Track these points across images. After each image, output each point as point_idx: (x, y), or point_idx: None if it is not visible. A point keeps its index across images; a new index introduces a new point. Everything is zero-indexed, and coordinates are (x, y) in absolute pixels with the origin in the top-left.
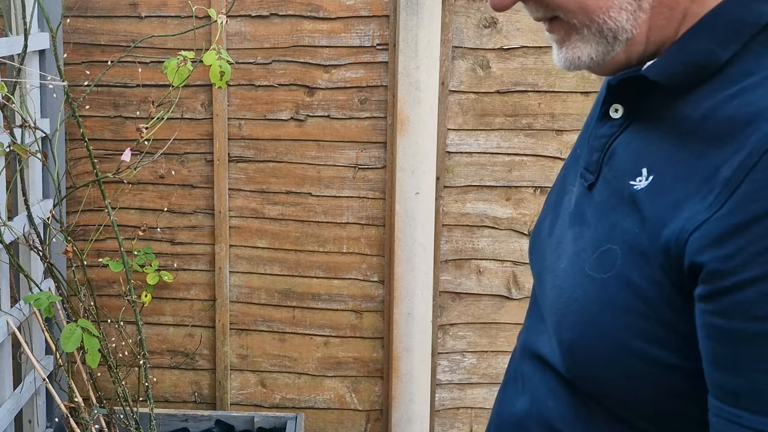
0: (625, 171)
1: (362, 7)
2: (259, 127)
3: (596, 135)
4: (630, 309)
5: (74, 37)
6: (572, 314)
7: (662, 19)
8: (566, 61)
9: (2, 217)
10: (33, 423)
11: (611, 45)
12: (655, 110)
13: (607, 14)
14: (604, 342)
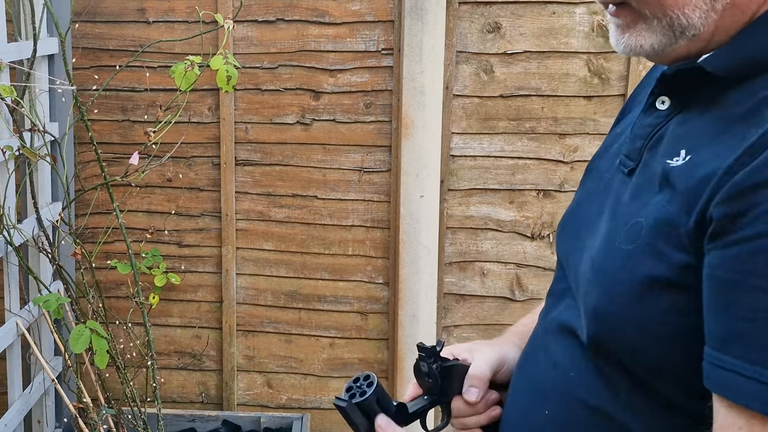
0: (665, 154)
1: (367, 13)
2: (266, 131)
3: (641, 124)
4: (654, 276)
5: (83, 42)
6: (600, 283)
7: (730, 21)
8: (626, 47)
9: (12, 219)
10: (42, 423)
11: (676, 38)
12: (704, 100)
13: (682, 10)
14: (630, 307)
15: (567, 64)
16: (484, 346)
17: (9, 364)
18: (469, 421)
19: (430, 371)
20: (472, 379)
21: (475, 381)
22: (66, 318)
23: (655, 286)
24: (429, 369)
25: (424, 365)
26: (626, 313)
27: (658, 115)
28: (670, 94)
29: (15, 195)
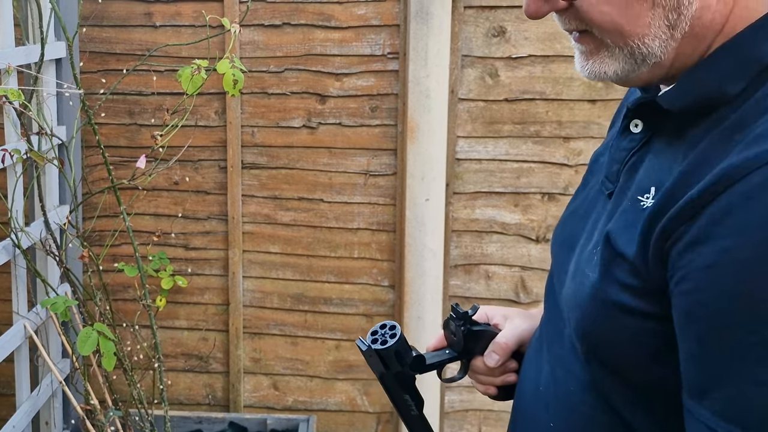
0: (638, 187)
1: (373, 17)
2: (272, 135)
3: (617, 147)
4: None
5: (90, 46)
6: (578, 307)
7: (689, 49)
8: (591, 73)
9: (20, 222)
10: (50, 425)
11: (638, 65)
12: (670, 131)
13: (642, 40)
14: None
15: (571, 68)
16: (519, 317)
17: (17, 366)
18: (484, 379)
19: (456, 331)
20: (495, 345)
21: (497, 348)
22: (73, 320)
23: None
24: (456, 329)
25: (453, 325)
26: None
27: (632, 139)
28: (641, 118)
29: (23, 198)
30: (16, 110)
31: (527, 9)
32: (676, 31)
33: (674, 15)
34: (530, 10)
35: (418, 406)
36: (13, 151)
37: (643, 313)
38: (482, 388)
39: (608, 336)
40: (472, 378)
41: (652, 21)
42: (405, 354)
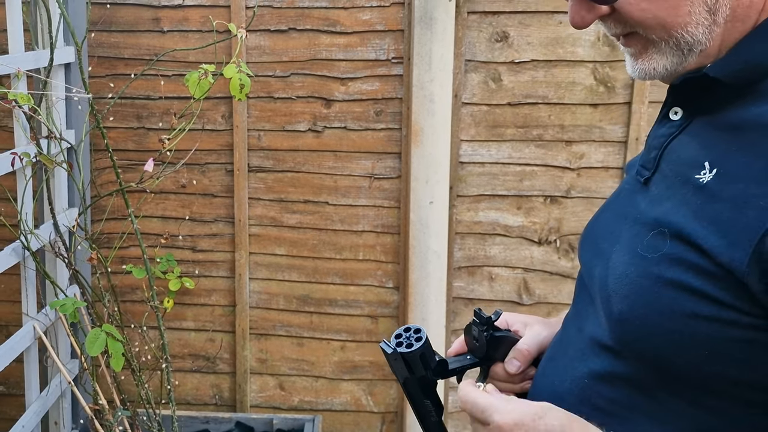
0: (688, 165)
1: (378, 22)
2: (278, 138)
3: (655, 135)
4: (678, 282)
5: (99, 50)
6: (623, 289)
7: (735, 32)
8: (641, 72)
9: (29, 225)
10: (59, 425)
11: (686, 56)
12: (714, 109)
13: (685, 29)
14: (655, 311)
15: (573, 72)
16: (539, 324)
17: (26, 367)
18: (503, 386)
19: (479, 337)
20: (517, 352)
21: (519, 355)
22: (82, 321)
23: (681, 292)
24: (479, 335)
25: (475, 330)
26: (651, 317)
27: (671, 125)
28: (682, 105)
29: (32, 201)
30: (26, 114)
31: (572, 20)
32: (718, 16)
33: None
34: (575, 21)
35: (438, 413)
36: (23, 155)
37: (706, 295)
38: None
39: (652, 319)
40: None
41: (692, 9)
42: (429, 358)
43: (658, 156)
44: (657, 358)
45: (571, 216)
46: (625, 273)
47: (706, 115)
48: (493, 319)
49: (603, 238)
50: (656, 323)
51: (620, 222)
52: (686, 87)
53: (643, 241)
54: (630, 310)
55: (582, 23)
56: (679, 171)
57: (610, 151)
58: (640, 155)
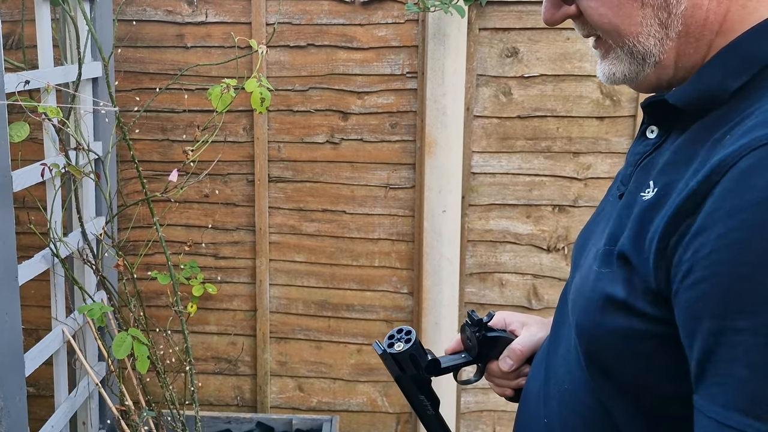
0: (640, 183)
1: (393, 38)
2: (297, 150)
3: (633, 152)
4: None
5: (125, 65)
6: (579, 301)
7: (689, 48)
8: (604, 75)
9: (58, 233)
10: (87, 425)
11: (641, 66)
12: (683, 128)
13: (636, 39)
14: (597, 324)
15: (581, 86)
16: (536, 324)
17: (56, 369)
18: (499, 382)
19: (471, 337)
20: (510, 351)
21: (512, 354)
22: (109, 326)
23: (615, 309)
24: (471, 335)
25: (468, 330)
26: (595, 329)
27: (646, 143)
28: (656, 123)
29: (61, 210)
30: (55, 127)
31: (543, 15)
32: (670, 30)
33: (664, 14)
34: (545, 17)
35: (434, 406)
36: (52, 166)
37: (637, 313)
38: (498, 390)
39: (604, 335)
40: (488, 380)
41: (643, 20)
42: (420, 358)
43: (632, 173)
44: (607, 368)
45: (579, 224)
46: (582, 285)
47: (676, 134)
48: (485, 320)
49: (582, 248)
50: (599, 335)
51: (594, 234)
52: (650, 108)
53: (596, 258)
54: (582, 321)
55: (551, 19)
56: (636, 188)
57: (616, 162)
58: (622, 169)
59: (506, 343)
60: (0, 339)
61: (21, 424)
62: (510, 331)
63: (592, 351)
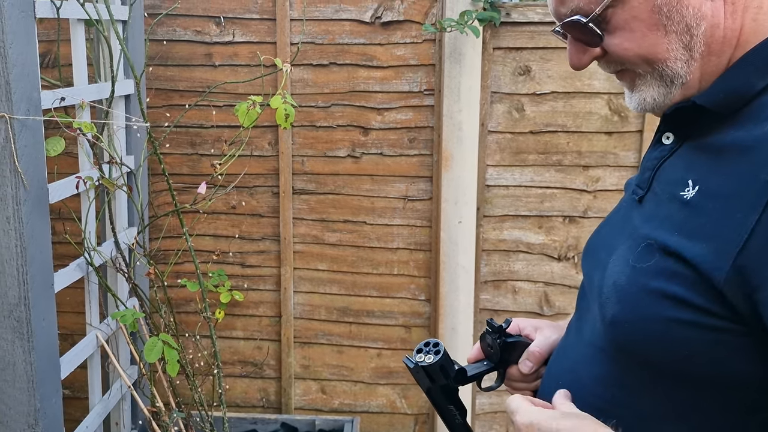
0: (675, 183)
1: (411, 57)
2: (320, 163)
3: (649, 157)
4: (661, 290)
5: (156, 83)
6: (615, 295)
7: (712, 66)
8: (635, 103)
9: (92, 243)
10: (119, 425)
11: (670, 88)
12: (700, 134)
13: (665, 63)
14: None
15: (590, 103)
16: (549, 328)
17: (90, 372)
18: (519, 386)
19: (493, 344)
20: (529, 354)
21: (531, 356)
22: (141, 331)
23: (662, 301)
24: (492, 342)
25: (489, 338)
26: (637, 322)
27: (663, 149)
28: (673, 130)
29: (95, 221)
30: (90, 141)
31: (570, 62)
32: (694, 51)
33: (687, 37)
34: (573, 63)
35: (462, 415)
36: (87, 178)
37: (685, 301)
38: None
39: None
40: (507, 385)
41: (669, 46)
42: (449, 368)
43: (651, 177)
44: (644, 360)
45: (588, 234)
46: (618, 281)
47: (693, 140)
48: (504, 327)
49: (602, 249)
50: (642, 327)
51: (617, 235)
52: (676, 115)
53: (635, 253)
54: (620, 315)
55: (579, 64)
56: (668, 189)
57: (624, 175)
58: (636, 176)
59: (523, 348)
60: (37, 343)
61: (57, 424)
62: (525, 336)
63: (630, 342)
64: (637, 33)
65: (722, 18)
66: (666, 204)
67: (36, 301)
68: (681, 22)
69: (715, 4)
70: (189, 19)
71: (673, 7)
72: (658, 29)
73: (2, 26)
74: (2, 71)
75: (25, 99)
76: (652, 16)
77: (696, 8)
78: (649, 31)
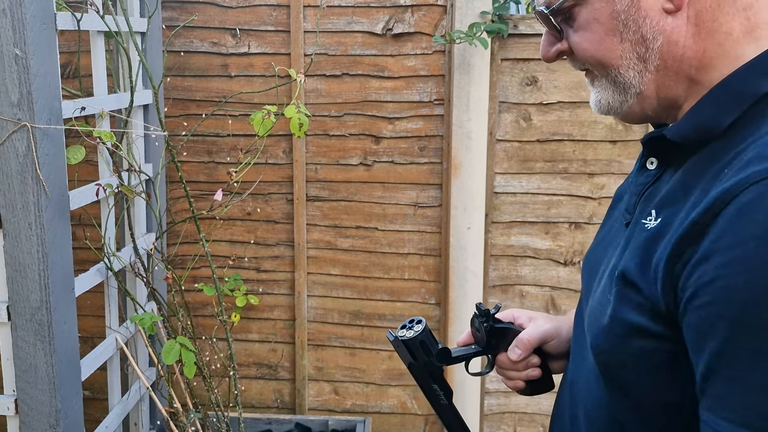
0: (643, 212)
1: (421, 68)
2: (333, 171)
3: (636, 182)
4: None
5: (173, 93)
6: (593, 324)
7: (669, 80)
8: (593, 103)
9: (112, 248)
10: (138, 425)
11: (624, 96)
12: (680, 161)
13: (617, 70)
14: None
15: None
16: (542, 318)
17: (109, 374)
18: (509, 374)
19: (480, 328)
20: (518, 341)
21: (520, 344)
22: (159, 334)
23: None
24: (479, 326)
25: (476, 321)
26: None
27: (647, 175)
28: (655, 156)
29: (114, 227)
30: (109, 150)
31: (541, 52)
32: (648, 64)
33: (642, 48)
34: (542, 53)
35: (447, 396)
36: (106, 186)
37: (651, 334)
38: (510, 384)
39: (620, 357)
40: (500, 374)
41: (623, 53)
42: (430, 345)
43: (637, 202)
44: (624, 386)
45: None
46: (595, 309)
47: (675, 166)
48: (492, 311)
49: (593, 272)
50: (615, 354)
51: (602, 259)
52: (650, 143)
53: (608, 284)
54: (598, 343)
55: (546, 56)
56: (639, 217)
57: None
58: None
59: (514, 335)
60: (58, 346)
61: (77, 424)
62: (518, 325)
63: (611, 370)
64: (595, 35)
65: (682, 36)
66: (636, 233)
67: (57, 305)
68: (637, 32)
69: (676, 22)
70: (206, 31)
71: (631, 17)
72: (614, 35)
73: (24, 38)
74: (25, 81)
75: (46, 108)
76: (610, 21)
77: (654, 22)
78: (606, 36)
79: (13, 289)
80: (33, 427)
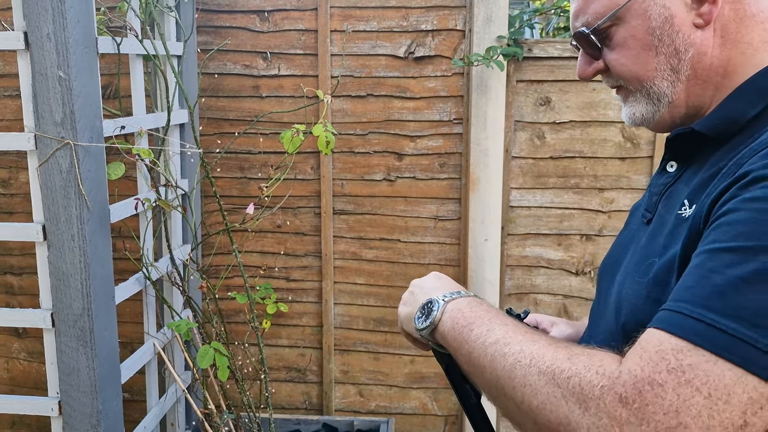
0: (675, 205)
1: (441, 89)
2: (358, 186)
3: (656, 183)
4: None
5: (208, 113)
6: (624, 306)
7: (697, 89)
8: (628, 117)
9: (149, 259)
10: (175, 425)
11: (657, 106)
12: (700, 161)
13: (653, 82)
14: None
15: (605, 131)
16: (564, 324)
17: (147, 377)
18: None
19: None
20: None
21: None
22: (194, 339)
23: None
24: None
25: None
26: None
27: (668, 176)
28: (676, 159)
29: (152, 239)
30: (147, 166)
31: (578, 71)
32: (680, 74)
33: (675, 60)
34: (579, 72)
35: (477, 396)
36: (145, 200)
37: None
38: None
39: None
40: None
41: (657, 65)
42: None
43: (657, 201)
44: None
45: (603, 251)
46: (625, 295)
47: (694, 166)
48: (522, 316)
49: (615, 267)
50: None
51: (624, 255)
52: (678, 141)
53: (639, 270)
54: (629, 322)
55: (584, 74)
56: (670, 210)
57: (636, 197)
58: (644, 200)
59: None
60: (99, 351)
61: (117, 425)
62: (542, 329)
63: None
64: (632, 50)
65: (710, 47)
66: (669, 223)
67: (98, 312)
68: (671, 45)
69: (705, 35)
70: (238, 55)
71: (665, 32)
72: (650, 49)
73: (68, 61)
74: (68, 102)
75: (88, 127)
76: (646, 37)
77: (686, 36)
78: (642, 50)
79: (57, 298)
80: (75, 427)
